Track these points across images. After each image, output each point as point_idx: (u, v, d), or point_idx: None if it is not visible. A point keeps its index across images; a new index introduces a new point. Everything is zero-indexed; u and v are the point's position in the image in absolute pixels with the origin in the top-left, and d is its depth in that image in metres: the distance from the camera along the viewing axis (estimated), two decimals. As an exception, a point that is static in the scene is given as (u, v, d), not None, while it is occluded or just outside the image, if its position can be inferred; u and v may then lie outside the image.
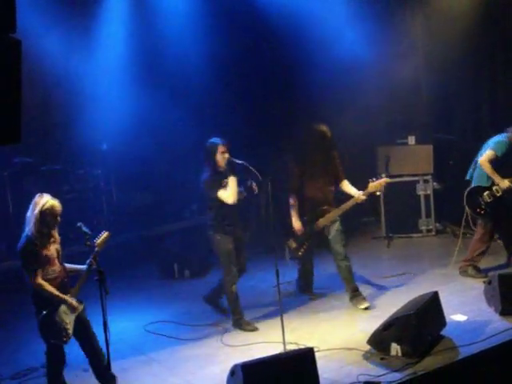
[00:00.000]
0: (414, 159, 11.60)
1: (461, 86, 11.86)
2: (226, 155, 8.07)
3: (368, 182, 8.53)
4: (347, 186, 8.78)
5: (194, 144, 12.24)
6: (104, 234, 6.91)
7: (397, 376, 6.66)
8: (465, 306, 8.33)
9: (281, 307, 7.56)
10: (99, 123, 11.80)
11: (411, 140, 12.13)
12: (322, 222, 8.75)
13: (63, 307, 6.65)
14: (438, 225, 11.89)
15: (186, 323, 8.74)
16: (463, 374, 6.89)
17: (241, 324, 8.39)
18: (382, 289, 9.33)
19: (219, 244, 8.32)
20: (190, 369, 7.46)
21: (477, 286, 8.66)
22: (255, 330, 8.30)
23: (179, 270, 10.87)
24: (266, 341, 7.90)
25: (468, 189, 9.43)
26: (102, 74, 11.89)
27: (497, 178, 9.20)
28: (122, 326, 8.48)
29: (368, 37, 11.96)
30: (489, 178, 9.24)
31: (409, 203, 11.74)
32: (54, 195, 6.88)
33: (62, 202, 6.87)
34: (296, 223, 8.79)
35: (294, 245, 8.94)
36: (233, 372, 6.36)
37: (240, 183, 8.18)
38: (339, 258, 8.77)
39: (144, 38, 11.95)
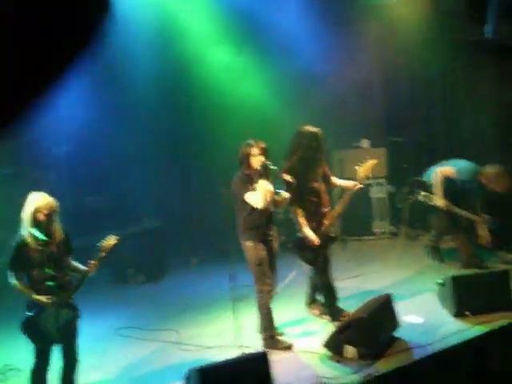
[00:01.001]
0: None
1: (414, 89, 11.97)
2: (261, 158, 7.55)
3: (355, 170, 8.15)
4: (338, 181, 8.44)
5: (148, 147, 12.28)
6: (111, 240, 6.70)
7: (352, 378, 6.66)
8: (419, 308, 8.40)
9: (235, 310, 7.54)
10: (52, 126, 11.69)
11: (365, 143, 12.24)
12: (327, 223, 8.19)
13: (50, 311, 6.47)
14: (391, 227, 12.00)
15: (141, 327, 8.68)
16: (417, 376, 6.93)
17: (275, 343, 7.69)
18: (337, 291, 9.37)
19: (249, 251, 7.69)
20: (144, 374, 7.39)
21: (431, 287, 8.72)
22: (291, 347, 7.66)
23: (133, 275, 10.80)
24: (221, 345, 7.84)
25: (417, 178, 9.86)
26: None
27: (439, 193, 9.51)
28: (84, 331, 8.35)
29: (321, 42, 12.05)
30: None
31: (363, 206, 11.84)
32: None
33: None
34: (309, 233, 8.06)
35: (310, 256, 8.21)
36: (188, 377, 6.32)
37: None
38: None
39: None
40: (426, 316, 8.14)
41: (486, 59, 10.78)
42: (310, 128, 8.20)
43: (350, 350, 7.09)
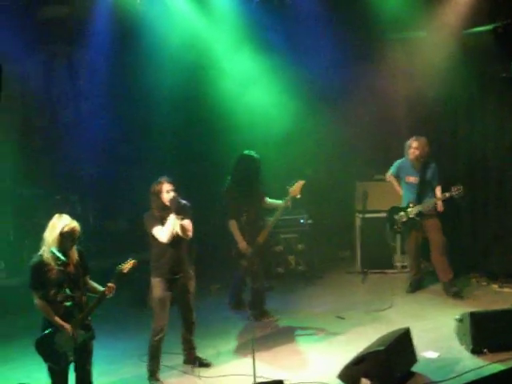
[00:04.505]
0: (391, 195, 11.60)
1: (440, 125, 11.96)
2: (172, 193, 7.82)
3: (287, 189, 9.29)
4: (271, 201, 9.63)
5: (172, 170, 12.36)
6: (129, 263, 6.94)
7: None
8: (436, 343, 8.37)
9: (253, 339, 7.55)
10: (77, 149, 11.85)
11: (389, 176, 12.21)
12: (261, 236, 9.53)
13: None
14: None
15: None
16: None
17: (153, 379, 7.95)
18: (354, 323, 9.35)
19: (153, 288, 8.02)
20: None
21: (449, 323, 8.67)
22: None
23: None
24: (237, 373, 7.88)
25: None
26: (82, 101, 11.98)
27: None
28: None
29: (351, 73, 12.12)
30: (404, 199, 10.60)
31: (385, 239, 11.75)
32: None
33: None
34: (242, 243, 9.42)
35: (245, 263, 9.50)
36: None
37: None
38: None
39: (124, 67, 11.98)
40: (443, 351, 8.11)
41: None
42: (250, 154, 9.58)
43: (364, 383, 7.06)
